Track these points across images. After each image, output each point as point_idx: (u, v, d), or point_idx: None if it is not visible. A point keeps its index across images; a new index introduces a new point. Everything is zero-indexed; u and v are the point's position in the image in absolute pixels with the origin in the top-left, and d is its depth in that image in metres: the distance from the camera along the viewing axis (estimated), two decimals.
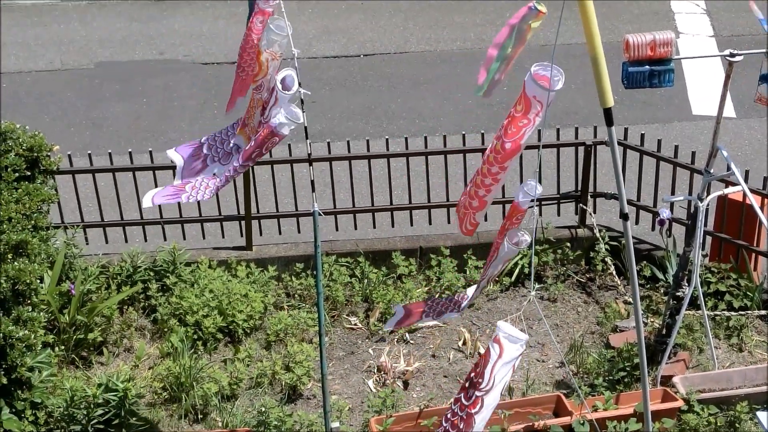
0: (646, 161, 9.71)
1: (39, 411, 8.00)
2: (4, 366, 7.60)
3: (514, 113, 6.11)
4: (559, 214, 10.15)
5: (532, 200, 6.39)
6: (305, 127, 6.96)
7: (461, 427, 6.39)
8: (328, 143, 9.92)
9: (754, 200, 7.96)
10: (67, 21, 14.54)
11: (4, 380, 7.61)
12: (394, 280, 9.78)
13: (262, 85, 6.92)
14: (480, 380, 6.31)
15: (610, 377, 8.64)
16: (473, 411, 6.35)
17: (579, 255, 9.99)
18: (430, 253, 9.92)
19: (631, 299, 9.35)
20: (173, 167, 9.67)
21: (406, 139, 9.99)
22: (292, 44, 6.70)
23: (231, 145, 7.18)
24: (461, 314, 7.16)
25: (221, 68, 13.35)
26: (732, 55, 7.32)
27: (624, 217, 6.38)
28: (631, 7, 14.52)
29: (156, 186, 9.79)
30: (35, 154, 8.83)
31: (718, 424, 8.18)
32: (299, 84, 6.71)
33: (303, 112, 6.76)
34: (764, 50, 7.25)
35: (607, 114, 6.07)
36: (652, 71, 6.85)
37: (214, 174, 7.12)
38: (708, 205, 8.07)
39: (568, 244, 9.93)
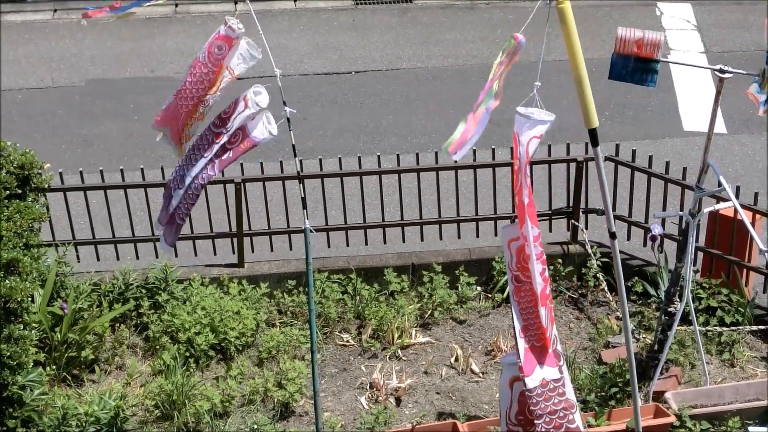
0: (637, 177, 9.73)
1: (30, 429, 7.97)
2: None
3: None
4: (550, 230, 10.16)
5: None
6: (293, 145, 6.97)
7: None
8: (320, 160, 9.92)
9: (745, 216, 7.97)
10: (58, 38, 14.54)
11: None
12: (386, 296, 9.77)
13: (208, 100, 6.97)
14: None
15: (602, 393, 8.64)
16: None
17: (571, 271, 9.99)
18: (422, 270, 9.91)
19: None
20: (164, 184, 9.69)
21: (397, 155, 10.00)
22: (273, 64, 6.71)
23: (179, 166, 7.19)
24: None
25: None
26: (722, 71, 7.34)
27: (612, 235, 6.40)
28: (621, 24, 14.48)
29: (148, 205, 9.80)
30: (26, 172, 8.82)
31: None
32: (284, 102, 6.74)
33: (290, 130, 6.79)
34: (755, 73, 7.27)
35: (592, 134, 6.09)
36: (636, 67, 6.94)
37: (182, 193, 7.12)
38: (699, 220, 8.09)
39: (560, 260, 9.94)
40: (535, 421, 6.50)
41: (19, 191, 8.73)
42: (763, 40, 7.32)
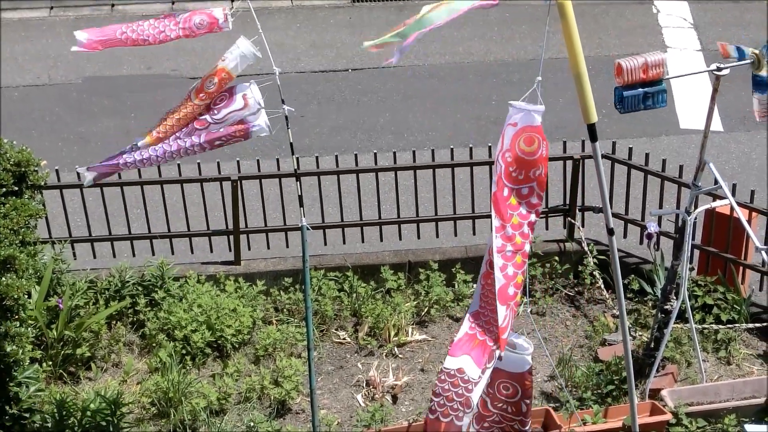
0: (634, 175, 9.73)
1: (27, 427, 7.97)
2: None
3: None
4: (547, 228, 10.16)
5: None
6: (291, 143, 6.96)
7: None
8: (317, 158, 9.92)
9: (741, 214, 7.98)
10: (54, 36, 14.53)
11: None
12: (382, 294, 9.77)
13: (191, 97, 7.03)
14: None
15: (599, 391, 8.64)
16: None
17: (567, 269, 9.99)
18: (418, 267, 9.91)
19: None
20: (161, 182, 9.70)
21: (394, 153, 10.00)
22: (273, 62, 6.72)
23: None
24: None
25: None
26: (719, 69, 7.35)
27: (610, 232, 6.39)
28: (618, 21, 14.56)
29: (144, 202, 9.81)
30: (23, 169, 8.80)
31: None
32: (282, 101, 6.74)
33: (288, 128, 6.80)
34: (750, 60, 7.27)
35: (591, 130, 6.09)
36: (645, 93, 6.86)
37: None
38: (696, 218, 8.09)
39: (557, 258, 9.94)
40: (432, 398, 6.42)
41: (16, 188, 8.71)
42: (760, 38, 7.30)
